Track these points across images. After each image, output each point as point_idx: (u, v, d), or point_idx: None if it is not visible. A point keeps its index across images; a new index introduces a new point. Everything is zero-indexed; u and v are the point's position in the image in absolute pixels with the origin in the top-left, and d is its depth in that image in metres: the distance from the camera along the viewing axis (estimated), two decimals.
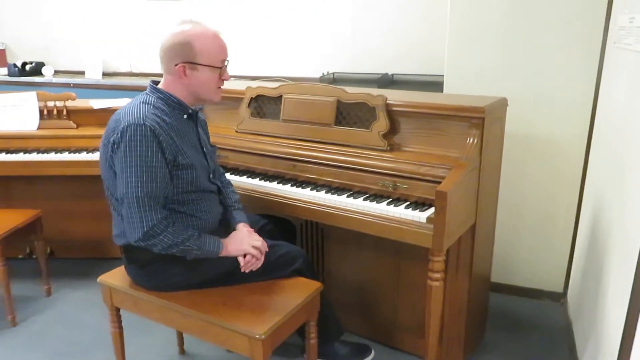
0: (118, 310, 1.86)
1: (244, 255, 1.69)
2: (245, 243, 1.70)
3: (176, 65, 1.63)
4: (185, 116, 1.72)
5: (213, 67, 1.67)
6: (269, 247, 1.77)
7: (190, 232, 1.62)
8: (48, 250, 2.76)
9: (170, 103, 1.68)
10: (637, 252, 1.33)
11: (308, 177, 2.03)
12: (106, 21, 4.00)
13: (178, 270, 1.70)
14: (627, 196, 1.59)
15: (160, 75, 1.72)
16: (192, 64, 1.64)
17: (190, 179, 1.68)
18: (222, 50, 1.69)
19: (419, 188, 1.80)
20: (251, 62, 3.57)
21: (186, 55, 1.63)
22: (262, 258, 1.72)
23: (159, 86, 1.70)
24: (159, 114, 1.62)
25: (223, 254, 1.67)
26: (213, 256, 1.67)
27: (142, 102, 1.64)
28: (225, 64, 1.71)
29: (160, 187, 1.59)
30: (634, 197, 1.48)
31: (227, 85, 2.42)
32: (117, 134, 1.57)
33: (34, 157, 2.67)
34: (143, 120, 1.56)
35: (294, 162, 2.06)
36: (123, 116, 1.60)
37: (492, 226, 2.20)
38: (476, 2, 2.34)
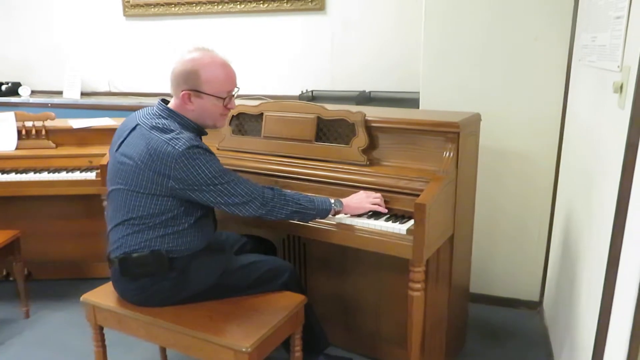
0: (101, 328, 1.86)
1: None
2: (365, 202, 1.84)
3: (182, 91, 1.68)
4: (200, 137, 1.77)
5: (217, 97, 1.71)
6: (256, 262, 1.81)
7: (295, 193, 1.79)
8: (26, 272, 2.72)
9: (187, 127, 1.72)
10: (606, 259, 1.39)
11: None
12: (84, 40, 3.99)
13: (168, 285, 1.71)
14: (594, 205, 1.67)
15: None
16: (197, 92, 1.68)
17: None
18: (229, 80, 1.73)
19: (398, 201, 1.85)
20: None
21: (192, 83, 1.67)
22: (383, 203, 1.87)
23: (170, 107, 1.73)
24: (192, 137, 1.67)
25: (345, 211, 1.83)
26: (328, 214, 1.81)
27: (174, 132, 1.63)
28: (233, 93, 1.75)
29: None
30: (600, 205, 1.56)
31: None
32: (175, 159, 1.57)
33: (12, 177, 2.65)
34: (191, 142, 1.61)
35: (275, 178, 2.09)
36: (167, 145, 1.59)
37: (470, 237, 2.26)
38: (448, 23, 2.44)
